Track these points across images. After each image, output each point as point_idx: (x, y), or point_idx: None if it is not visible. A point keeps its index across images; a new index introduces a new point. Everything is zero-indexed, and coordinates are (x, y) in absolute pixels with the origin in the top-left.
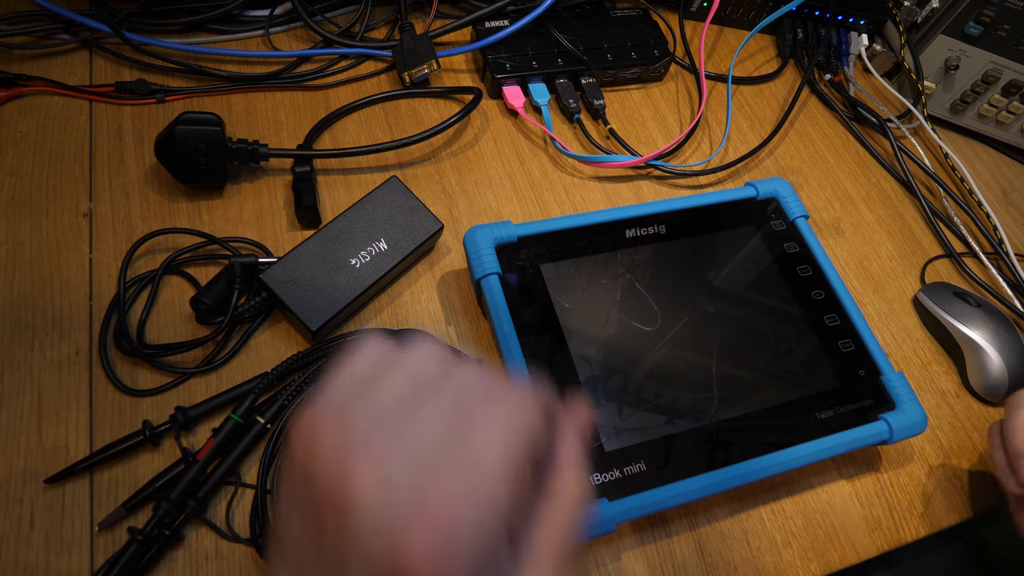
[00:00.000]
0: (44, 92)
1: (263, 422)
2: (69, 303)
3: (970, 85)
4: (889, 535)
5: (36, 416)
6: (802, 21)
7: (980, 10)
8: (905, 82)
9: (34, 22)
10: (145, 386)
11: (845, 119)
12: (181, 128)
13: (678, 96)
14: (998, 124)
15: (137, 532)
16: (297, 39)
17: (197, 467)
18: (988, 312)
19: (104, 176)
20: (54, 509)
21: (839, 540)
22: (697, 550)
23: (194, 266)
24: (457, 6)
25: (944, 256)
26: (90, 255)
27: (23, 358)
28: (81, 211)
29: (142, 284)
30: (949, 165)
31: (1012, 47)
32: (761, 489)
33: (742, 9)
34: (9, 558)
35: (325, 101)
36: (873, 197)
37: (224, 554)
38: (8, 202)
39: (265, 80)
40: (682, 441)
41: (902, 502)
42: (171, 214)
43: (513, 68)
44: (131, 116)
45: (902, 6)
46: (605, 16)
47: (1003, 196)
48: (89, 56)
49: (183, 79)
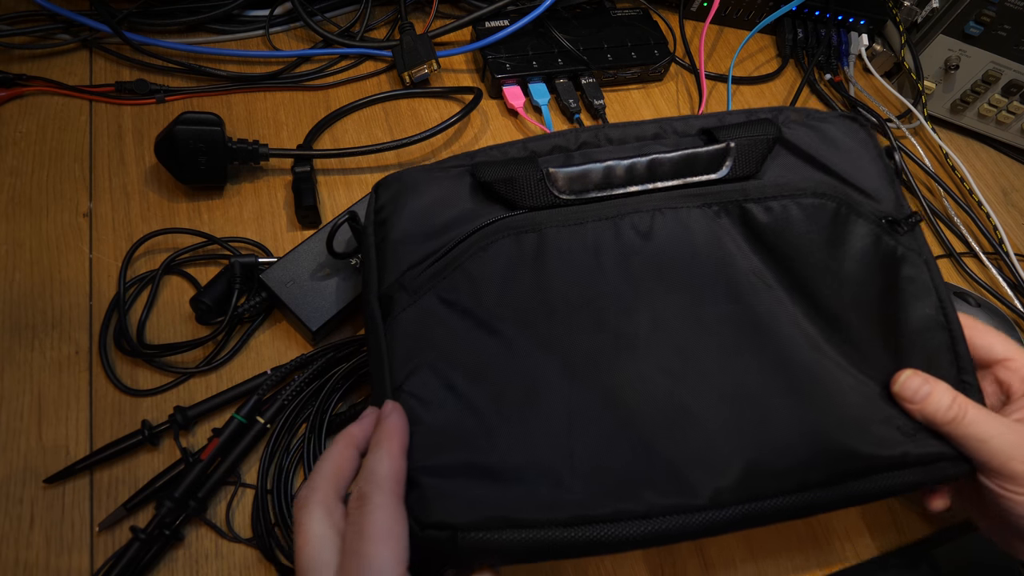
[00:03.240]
0: (44, 92)
1: (263, 422)
2: (69, 303)
3: (970, 85)
4: (889, 535)
5: (36, 416)
6: (802, 21)
7: (980, 10)
8: (905, 82)
9: (34, 22)
10: (145, 386)
11: None
12: (181, 128)
13: (678, 96)
14: (998, 124)
15: (139, 531)
16: (297, 39)
17: (200, 467)
18: (988, 312)
19: (104, 176)
20: (54, 509)
21: (839, 540)
22: (697, 550)
23: (194, 266)
24: (457, 6)
25: (944, 256)
26: (90, 255)
27: (23, 358)
28: (81, 211)
29: (142, 284)
30: (949, 165)
31: (1012, 47)
32: None
33: (742, 9)
34: (9, 558)
35: (325, 101)
36: None
37: (224, 554)
38: (8, 202)
39: (265, 80)
40: None
41: (902, 502)
42: (171, 214)
43: (513, 68)
44: (131, 116)
45: (902, 6)
46: (605, 16)
47: (1003, 196)
48: (89, 56)
49: (183, 79)
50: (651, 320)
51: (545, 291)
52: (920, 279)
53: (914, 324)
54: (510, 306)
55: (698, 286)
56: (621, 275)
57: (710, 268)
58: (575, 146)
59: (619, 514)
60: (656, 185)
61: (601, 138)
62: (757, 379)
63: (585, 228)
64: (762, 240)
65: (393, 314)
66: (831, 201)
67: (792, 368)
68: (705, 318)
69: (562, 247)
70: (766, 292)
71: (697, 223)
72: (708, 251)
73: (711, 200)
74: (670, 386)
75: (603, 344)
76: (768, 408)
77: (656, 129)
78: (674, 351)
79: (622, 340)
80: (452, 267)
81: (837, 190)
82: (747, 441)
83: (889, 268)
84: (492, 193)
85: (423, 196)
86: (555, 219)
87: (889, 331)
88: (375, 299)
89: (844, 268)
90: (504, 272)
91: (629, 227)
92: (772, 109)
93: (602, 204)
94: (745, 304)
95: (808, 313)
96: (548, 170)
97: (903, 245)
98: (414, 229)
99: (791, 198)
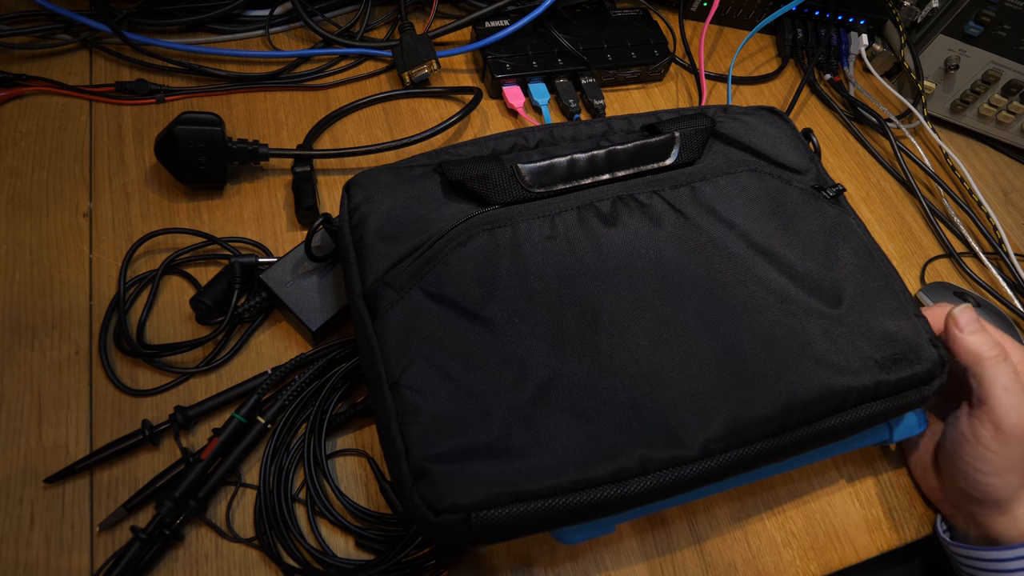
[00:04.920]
0: (44, 92)
1: (263, 422)
2: (69, 303)
3: (970, 85)
4: (889, 535)
5: (36, 416)
6: (802, 21)
7: (980, 10)
8: (905, 82)
9: (34, 22)
10: (145, 386)
11: (845, 119)
12: (181, 128)
13: (678, 96)
14: (998, 124)
15: (140, 531)
16: (297, 39)
17: (200, 466)
18: (988, 312)
19: (104, 176)
20: (54, 509)
21: (839, 540)
22: (697, 550)
23: (194, 266)
24: (457, 6)
25: (944, 256)
26: (90, 255)
27: (23, 358)
28: (81, 211)
29: (142, 284)
30: (949, 165)
31: (1012, 47)
32: (761, 489)
33: (742, 9)
34: (9, 558)
35: (325, 101)
36: (873, 197)
37: (224, 554)
38: (8, 202)
39: (265, 80)
40: None
41: (902, 502)
42: (171, 214)
43: (513, 68)
44: (131, 116)
45: (902, 6)
46: (605, 16)
47: (1003, 196)
48: (89, 56)
49: (183, 79)
50: (627, 295)
51: (524, 278)
52: (851, 226)
53: (853, 260)
54: (493, 294)
55: (667, 259)
56: (593, 257)
57: (675, 243)
58: (533, 144)
59: (618, 473)
60: (616, 174)
61: (556, 136)
62: (733, 337)
63: (554, 219)
64: (716, 212)
65: (380, 312)
66: (765, 172)
67: (763, 323)
68: (680, 287)
69: (534, 238)
70: (729, 258)
71: (658, 205)
72: (672, 229)
73: (666, 184)
74: (651, 352)
75: (583, 320)
76: (745, 362)
77: (604, 127)
78: (653, 319)
79: (602, 315)
80: (434, 262)
81: (767, 165)
82: (729, 395)
83: (823, 215)
84: (463, 191)
85: (396, 195)
86: (525, 213)
87: (836, 268)
88: (360, 298)
89: (792, 223)
90: (484, 264)
91: (594, 214)
92: (696, 108)
93: (568, 196)
94: (713, 270)
95: (772, 268)
96: (516, 166)
97: (834, 206)
98: (391, 228)
99: (732, 174)
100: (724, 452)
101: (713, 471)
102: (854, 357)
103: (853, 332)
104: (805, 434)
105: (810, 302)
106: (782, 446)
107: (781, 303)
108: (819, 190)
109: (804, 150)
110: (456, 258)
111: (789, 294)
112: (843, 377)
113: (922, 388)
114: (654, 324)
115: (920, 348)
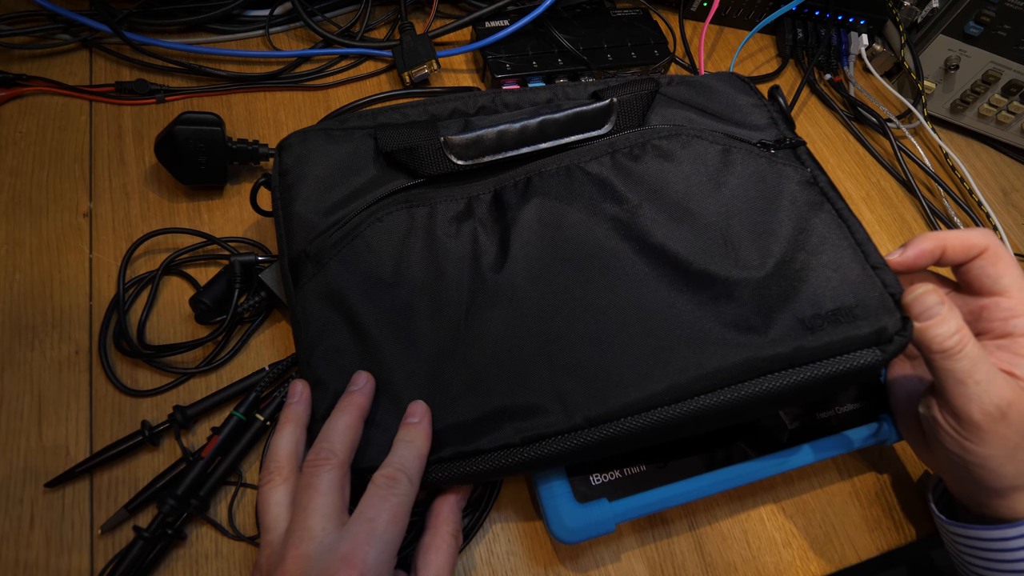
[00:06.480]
0: (44, 92)
1: (262, 419)
2: (69, 303)
3: (970, 85)
4: (889, 535)
5: (36, 416)
6: (802, 21)
7: (980, 10)
8: (905, 82)
9: (34, 22)
10: (145, 386)
11: (845, 119)
12: (181, 128)
13: None
14: (998, 124)
15: (142, 531)
16: (297, 39)
17: (201, 464)
18: None
19: (104, 176)
20: (54, 509)
21: (839, 540)
22: (697, 550)
23: (194, 266)
24: (457, 6)
25: None
26: (90, 255)
27: (23, 358)
28: (81, 211)
29: (142, 284)
30: (949, 165)
31: (1012, 47)
32: (761, 489)
33: (742, 9)
34: (9, 558)
35: (325, 101)
36: (873, 197)
37: (225, 553)
38: (8, 202)
39: (265, 80)
40: (682, 441)
41: (902, 502)
42: (171, 214)
43: (513, 68)
44: (131, 116)
45: (902, 6)
46: (605, 16)
47: (1003, 196)
48: (89, 56)
49: (183, 79)
50: (524, 272)
51: (437, 256)
52: (791, 178)
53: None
54: (407, 270)
55: (570, 235)
56: (503, 234)
57: (579, 217)
58: (473, 111)
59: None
60: (547, 145)
61: (498, 103)
62: (604, 313)
63: (471, 201)
64: (633, 179)
65: (301, 283)
66: (698, 136)
67: (639, 299)
68: (572, 261)
69: (449, 217)
70: (623, 229)
71: (575, 179)
72: (581, 202)
73: (594, 153)
74: (542, 324)
75: (490, 293)
76: (614, 341)
77: (549, 95)
78: (548, 294)
79: (509, 289)
80: (352, 236)
81: (714, 124)
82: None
83: (759, 171)
84: (393, 161)
85: (326, 161)
86: (445, 194)
87: (767, 227)
88: (287, 266)
89: (727, 183)
90: (400, 241)
91: (511, 192)
92: (653, 76)
93: (491, 175)
94: (599, 245)
95: (684, 237)
96: (445, 138)
97: (781, 160)
98: (317, 199)
99: (664, 139)
100: (593, 426)
101: (584, 446)
102: (763, 323)
103: (773, 294)
104: (692, 409)
105: (714, 270)
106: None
107: (668, 279)
108: (767, 147)
109: (761, 106)
110: (373, 232)
111: (689, 267)
112: (735, 351)
113: (878, 349)
114: (549, 298)
115: (868, 304)
